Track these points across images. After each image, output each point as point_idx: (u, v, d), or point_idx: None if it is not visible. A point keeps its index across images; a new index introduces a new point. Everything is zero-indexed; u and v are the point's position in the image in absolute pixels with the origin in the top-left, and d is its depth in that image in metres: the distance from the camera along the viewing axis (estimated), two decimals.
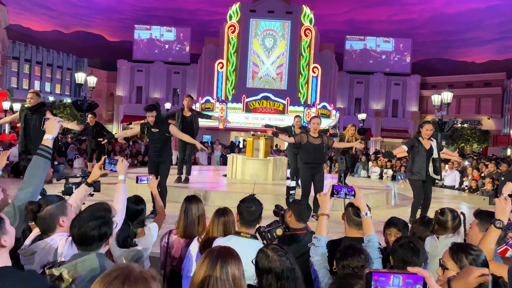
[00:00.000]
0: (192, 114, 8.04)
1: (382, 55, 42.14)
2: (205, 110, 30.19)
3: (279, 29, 33.98)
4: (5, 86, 38.11)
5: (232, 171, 9.46)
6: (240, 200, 2.81)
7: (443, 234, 2.93)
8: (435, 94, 18.10)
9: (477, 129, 34.49)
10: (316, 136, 6.45)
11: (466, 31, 61.41)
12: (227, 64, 33.12)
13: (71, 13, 65.40)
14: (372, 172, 15.05)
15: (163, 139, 6.35)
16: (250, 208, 2.69)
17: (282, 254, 2.02)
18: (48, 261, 2.22)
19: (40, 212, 2.31)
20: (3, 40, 36.56)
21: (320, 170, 6.55)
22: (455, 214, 2.98)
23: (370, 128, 36.73)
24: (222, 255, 1.83)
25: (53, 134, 2.66)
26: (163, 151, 6.39)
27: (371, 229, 2.56)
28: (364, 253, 2.28)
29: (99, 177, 2.92)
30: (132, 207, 3.07)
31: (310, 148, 6.41)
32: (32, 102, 6.86)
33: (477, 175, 12.66)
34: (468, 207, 9.05)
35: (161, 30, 42.95)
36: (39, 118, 6.80)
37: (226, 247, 1.92)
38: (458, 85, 38.79)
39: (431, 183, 6.65)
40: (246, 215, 2.69)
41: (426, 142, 6.41)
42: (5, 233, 1.89)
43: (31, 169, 2.55)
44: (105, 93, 42.95)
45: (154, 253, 3.78)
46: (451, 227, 2.94)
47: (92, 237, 1.99)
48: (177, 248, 3.11)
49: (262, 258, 2.03)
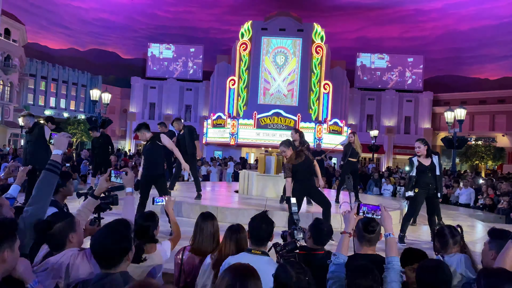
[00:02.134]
0: (184, 132, 8.04)
1: (394, 72, 42.10)
2: (217, 127, 30.39)
3: (290, 47, 34.27)
4: (21, 102, 38.94)
5: (244, 188, 9.45)
6: (251, 218, 2.79)
7: (446, 253, 2.85)
8: (448, 111, 17.96)
9: (491, 146, 33.99)
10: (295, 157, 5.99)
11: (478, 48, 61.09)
12: (239, 81, 33.41)
13: (87, 31, 66.94)
14: (385, 190, 14.87)
15: (154, 151, 6.11)
16: (260, 227, 2.67)
17: (301, 272, 2.04)
18: (60, 276, 2.22)
19: (50, 230, 2.30)
20: (21, 58, 37.52)
21: (313, 185, 6.21)
22: (453, 230, 2.91)
23: (382, 145, 36.47)
24: (242, 272, 1.84)
25: (62, 149, 2.62)
26: (156, 165, 6.14)
27: (394, 251, 2.48)
28: (375, 273, 2.23)
29: (106, 189, 2.89)
30: (138, 222, 3.04)
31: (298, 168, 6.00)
32: (28, 124, 6.85)
33: (492, 193, 12.43)
34: (483, 225, 8.87)
35: (174, 47, 43.66)
36: (37, 133, 6.71)
37: (247, 265, 1.92)
38: (471, 102, 38.45)
39: (435, 199, 6.39)
40: (256, 234, 2.68)
41: (425, 160, 6.27)
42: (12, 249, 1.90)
43: (40, 184, 2.50)
44: (119, 110, 43.58)
45: (169, 269, 3.78)
46: (452, 243, 2.86)
47: (113, 252, 1.98)
48: (191, 265, 3.10)
49: (281, 272, 2.07)
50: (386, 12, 62.40)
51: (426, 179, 6.21)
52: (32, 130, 6.80)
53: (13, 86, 36.39)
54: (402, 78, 41.96)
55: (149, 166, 6.13)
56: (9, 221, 1.98)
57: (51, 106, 42.08)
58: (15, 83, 36.69)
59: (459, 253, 2.83)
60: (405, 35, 63.42)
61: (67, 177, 3.78)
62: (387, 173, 17.34)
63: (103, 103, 18.54)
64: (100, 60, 64.47)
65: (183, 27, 65.17)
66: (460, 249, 2.88)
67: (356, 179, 9.03)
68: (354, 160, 8.87)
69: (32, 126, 6.83)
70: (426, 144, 6.32)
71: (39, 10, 60.69)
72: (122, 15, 64.92)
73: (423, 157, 6.28)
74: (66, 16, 63.81)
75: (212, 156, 26.15)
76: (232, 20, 60.48)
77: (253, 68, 33.78)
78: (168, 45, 44.59)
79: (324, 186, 8.90)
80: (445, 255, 2.84)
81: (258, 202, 8.28)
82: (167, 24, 66.16)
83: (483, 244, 2.71)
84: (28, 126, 6.86)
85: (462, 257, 2.77)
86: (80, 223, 2.52)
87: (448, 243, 2.87)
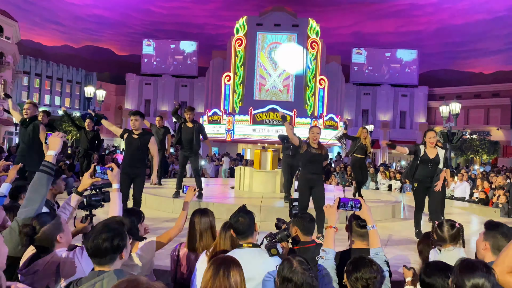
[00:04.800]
0: (194, 126, 7.68)
1: (389, 67, 42.17)
2: (213, 123, 30.34)
3: (286, 42, 34.21)
4: (15, 100, 38.67)
5: (240, 183, 9.44)
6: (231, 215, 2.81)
7: (443, 246, 2.88)
8: (443, 105, 18.00)
9: (486, 140, 34.18)
10: (316, 146, 5.99)
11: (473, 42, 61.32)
12: (234, 77, 33.34)
13: (81, 28, 66.53)
14: (381, 184, 14.92)
15: (142, 147, 5.88)
16: (237, 221, 2.69)
17: (307, 268, 2.07)
18: (51, 278, 2.19)
19: (37, 234, 2.25)
20: (14, 55, 37.22)
21: (319, 182, 6.06)
22: (452, 225, 2.92)
23: (378, 139, 36.54)
24: (224, 262, 2.02)
25: (56, 150, 2.59)
26: (139, 161, 5.91)
27: (377, 241, 2.58)
28: (376, 264, 2.25)
29: (89, 185, 2.82)
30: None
31: (309, 157, 5.95)
32: (29, 113, 6.56)
33: (487, 187, 12.50)
34: (478, 219, 8.92)
35: (169, 44, 43.48)
36: (31, 131, 6.51)
37: (229, 256, 2.11)
38: (466, 96, 38.63)
39: (438, 194, 6.14)
40: (236, 228, 2.69)
41: (431, 151, 6.06)
42: None
43: (35, 185, 2.46)
44: (114, 107, 43.38)
45: (163, 266, 3.77)
46: (448, 237, 2.88)
47: (106, 249, 1.98)
48: (187, 261, 3.10)
49: (286, 266, 2.09)
50: (381, 7, 62.39)
51: (426, 171, 6.05)
52: (28, 125, 6.56)
53: (7, 84, 36.11)
54: (398, 73, 42.05)
55: (132, 163, 5.83)
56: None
57: (46, 103, 41.83)
58: (9, 81, 36.42)
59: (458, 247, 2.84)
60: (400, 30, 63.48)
61: (57, 175, 3.74)
62: (382, 168, 17.36)
63: (98, 100, 18.42)
64: (95, 57, 64.13)
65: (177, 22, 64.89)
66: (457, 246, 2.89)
67: (363, 175, 8.78)
68: (361, 156, 8.62)
69: (29, 120, 6.58)
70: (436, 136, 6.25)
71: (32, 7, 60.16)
72: (116, 11, 64.51)
73: (430, 147, 6.09)
74: (60, 13, 63.32)
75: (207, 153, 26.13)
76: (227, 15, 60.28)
77: (248, 64, 33.71)
78: (163, 41, 44.38)
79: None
80: (442, 248, 2.87)
81: (254, 198, 8.28)
82: (161, 20, 65.85)
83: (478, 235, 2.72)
84: (31, 115, 6.56)
85: (460, 252, 2.79)
86: (65, 221, 2.48)
87: (444, 234, 2.89)
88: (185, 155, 7.78)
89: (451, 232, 2.89)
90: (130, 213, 3.00)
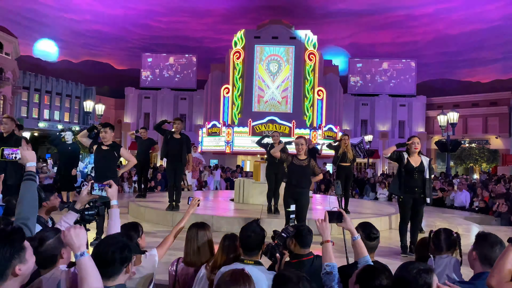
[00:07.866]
0: (182, 138, 7.77)
1: (387, 77, 42.42)
2: (212, 135, 30.37)
3: (283, 54, 34.45)
4: (15, 115, 38.75)
5: (239, 196, 9.42)
6: (242, 227, 2.79)
7: (438, 254, 2.89)
8: (441, 115, 18.09)
9: (485, 149, 34.19)
10: (303, 158, 5.93)
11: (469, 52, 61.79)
12: (233, 89, 33.49)
13: (80, 43, 66.99)
14: (380, 194, 14.91)
15: (111, 157, 5.98)
16: (249, 237, 2.67)
17: (306, 280, 2.04)
18: None
19: (41, 248, 2.24)
20: (14, 71, 37.43)
21: (303, 197, 5.94)
22: (449, 234, 2.94)
23: (377, 149, 36.60)
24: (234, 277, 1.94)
25: (35, 161, 2.57)
26: (110, 172, 5.92)
27: (364, 250, 2.65)
28: (388, 269, 2.23)
29: (86, 202, 2.78)
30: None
31: (291, 169, 5.89)
32: (7, 128, 6.18)
33: (487, 196, 12.49)
34: (479, 228, 8.89)
35: (167, 57, 43.77)
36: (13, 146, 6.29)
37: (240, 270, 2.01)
38: (464, 105, 38.75)
39: (421, 205, 5.94)
40: (246, 243, 2.68)
41: (415, 159, 5.86)
42: (23, 262, 1.76)
43: (27, 194, 2.44)
44: (113, 120, 43.44)
45: (162, 281, 3.76)
46: (445, 246, 2.89)
47: (112, 259, 1.97)
48: (185, 276, 3.08)
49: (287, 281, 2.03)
50: (377, 18, 63.01)
51: (412, 181, 5.83)
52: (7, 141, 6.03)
53: (6, 99, 36.24)
54: (395, 83, 42.27)
55: (103, 174, 5.75)
56: (11, 231, 1.77)
57: (45, 118, 41.92)
58: (8, 96, 36.56)
59: (451, 256, 2.86)
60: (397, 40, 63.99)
61: (50, 191, 3.72)
62: (381, 178, 17.37)
63: (97, 114, 18.52)
64: (94, 72, 64.42)
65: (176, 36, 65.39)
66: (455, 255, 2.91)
67: (347, 184, 8.59)
68: (346, 164, 8.62)
69: (8, 136, 6.20)
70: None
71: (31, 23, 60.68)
72: (115, 26, 65.05)
73: (414, 155, 5.89)
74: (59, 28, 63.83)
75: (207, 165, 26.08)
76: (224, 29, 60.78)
77: (247, 76, 33.89)
78: (161, 55, 44.69)
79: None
80: (436, 256, 2.88)
81: (254, 210, 8.27)
82: (160, 34, 66.38)
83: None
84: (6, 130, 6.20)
85: (452, 260, 2.81)
86: None
87: (440, 243, 2.91)
88: (173, 167, 7.80)
89: (448, 240, 2.91)
90: (128, 227, 3.01)
